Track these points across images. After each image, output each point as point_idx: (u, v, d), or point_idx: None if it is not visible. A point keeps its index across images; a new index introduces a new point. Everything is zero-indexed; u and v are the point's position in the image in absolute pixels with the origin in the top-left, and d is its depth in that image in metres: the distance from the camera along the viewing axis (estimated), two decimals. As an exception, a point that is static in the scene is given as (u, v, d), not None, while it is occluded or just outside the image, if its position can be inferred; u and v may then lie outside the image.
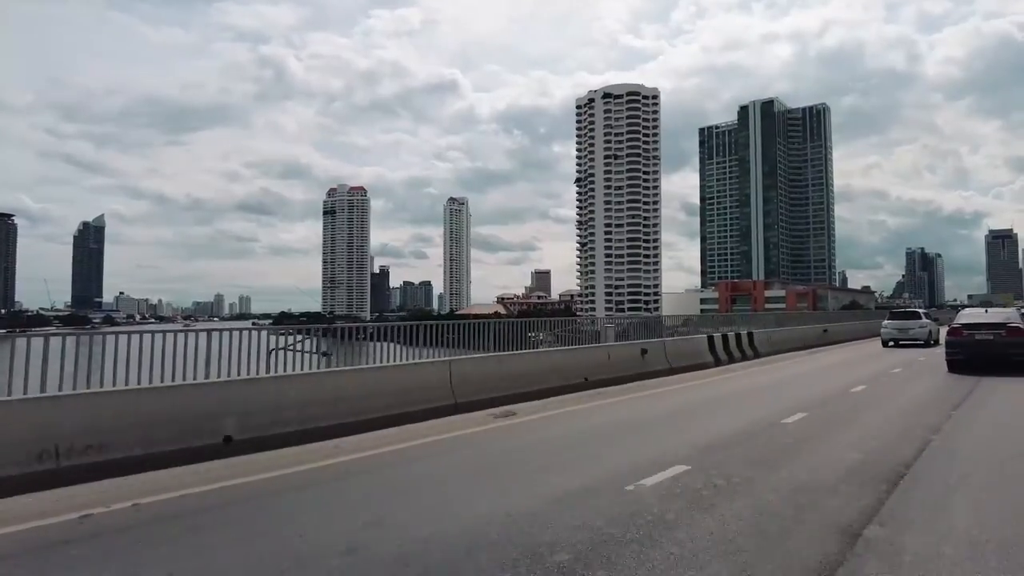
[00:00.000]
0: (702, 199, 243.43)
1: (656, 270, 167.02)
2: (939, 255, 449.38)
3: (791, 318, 32.41)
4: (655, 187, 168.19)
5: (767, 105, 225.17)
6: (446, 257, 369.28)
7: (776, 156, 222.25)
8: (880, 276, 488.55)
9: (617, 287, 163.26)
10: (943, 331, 19.20)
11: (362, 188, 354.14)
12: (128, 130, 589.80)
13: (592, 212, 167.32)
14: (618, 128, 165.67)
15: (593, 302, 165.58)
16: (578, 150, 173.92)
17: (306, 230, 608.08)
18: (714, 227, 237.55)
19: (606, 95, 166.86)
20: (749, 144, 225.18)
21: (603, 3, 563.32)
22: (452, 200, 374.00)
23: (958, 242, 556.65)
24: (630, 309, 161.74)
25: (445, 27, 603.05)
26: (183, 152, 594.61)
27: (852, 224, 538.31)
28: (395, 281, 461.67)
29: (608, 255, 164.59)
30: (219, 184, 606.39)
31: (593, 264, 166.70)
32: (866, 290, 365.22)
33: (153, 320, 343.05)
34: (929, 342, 24.58)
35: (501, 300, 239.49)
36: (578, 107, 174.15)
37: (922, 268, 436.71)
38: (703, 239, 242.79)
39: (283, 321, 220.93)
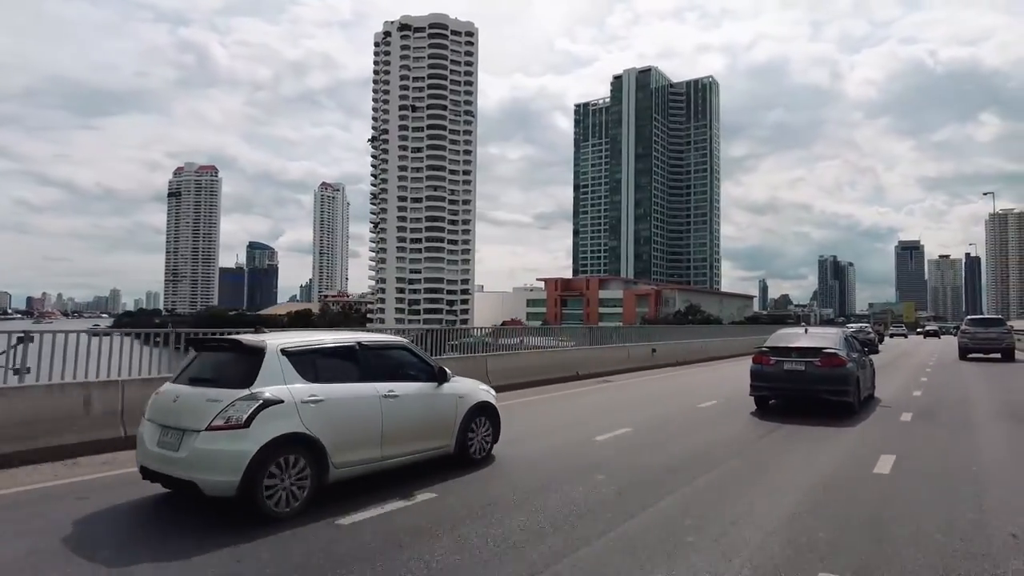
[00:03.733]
0: (575, 187, 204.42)
1: (467, 260, 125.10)
2: (851, 264, 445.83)
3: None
4: (467, 152, 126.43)
5: (643, 75, 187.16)
6: (315, 250, 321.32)
7: (652, 136, 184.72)
8: (804, 286, 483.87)
9: (412, 282, 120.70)
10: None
11: (213, 167, 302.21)
12: (33, 111, 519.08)
13: (386, 183, 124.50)
14: (418, 72, 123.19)
15: (384, 300, 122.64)
16: (374, 100, 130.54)
17: (231, 224, 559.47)
18: (587, 218, 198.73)
19: (403, 27, 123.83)
20: (622, 121, 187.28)
21: (540, 5, 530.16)
22: (325, 186, 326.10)
23: (874, 255, 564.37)
24: (427, 311, 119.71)
25: (377, 20, 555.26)
26: (97, 138, 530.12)
27: (779, 235, 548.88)
28: (303, 278, 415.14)
29: (402, 239, 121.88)
30: (138, 173, 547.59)
31: (386, 251, 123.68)
32: (785, 300, 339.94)
33: (19, 316, 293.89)
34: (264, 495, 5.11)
35: (324, 298, 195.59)
36: (376, 45, 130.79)
37: (834, 277, 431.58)
38: (575, 232, 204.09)
39: (123, 322, 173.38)
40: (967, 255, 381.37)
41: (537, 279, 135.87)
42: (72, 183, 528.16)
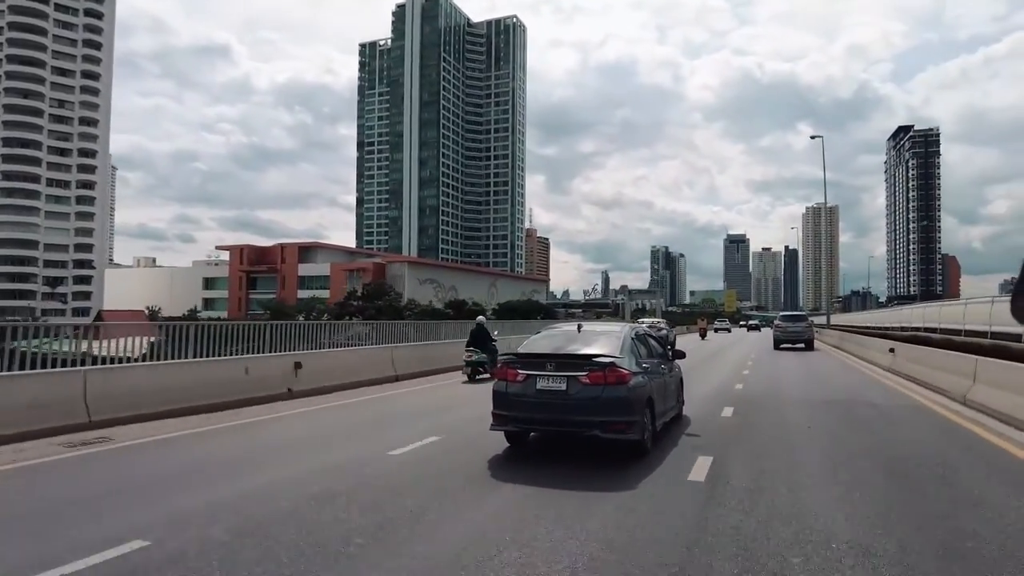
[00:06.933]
0: (359, 144, 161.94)
1: (87, 216, 79.08)
2: (682, 255, 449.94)
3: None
4: (92, 44, 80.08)
5: (431, 4, 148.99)
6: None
7: (440, 80, 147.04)
8: (644, 278, 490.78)
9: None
10: None
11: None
12: None
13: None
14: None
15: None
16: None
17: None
18: (372, 183, 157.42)
19: None
20: (404, 60, 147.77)
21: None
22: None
23: (707, 250, 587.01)
24: (5, 295, 72.26)
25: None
26: None
27: (624, 230, 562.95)
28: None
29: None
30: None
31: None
32: (623, 289, 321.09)
33: None
34: None
35: None
36: None
37: (666, 267, 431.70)
38: (359, 202, 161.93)
39: None
40: (786, 247, 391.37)
41: (217, 247, 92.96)
42: None
